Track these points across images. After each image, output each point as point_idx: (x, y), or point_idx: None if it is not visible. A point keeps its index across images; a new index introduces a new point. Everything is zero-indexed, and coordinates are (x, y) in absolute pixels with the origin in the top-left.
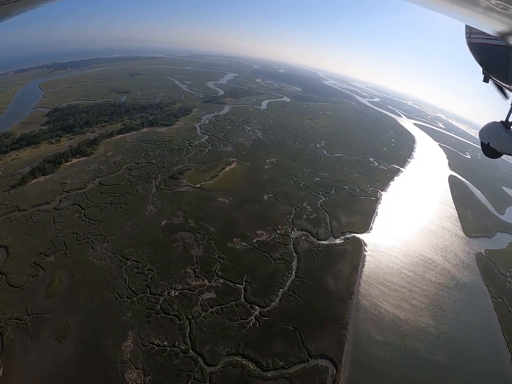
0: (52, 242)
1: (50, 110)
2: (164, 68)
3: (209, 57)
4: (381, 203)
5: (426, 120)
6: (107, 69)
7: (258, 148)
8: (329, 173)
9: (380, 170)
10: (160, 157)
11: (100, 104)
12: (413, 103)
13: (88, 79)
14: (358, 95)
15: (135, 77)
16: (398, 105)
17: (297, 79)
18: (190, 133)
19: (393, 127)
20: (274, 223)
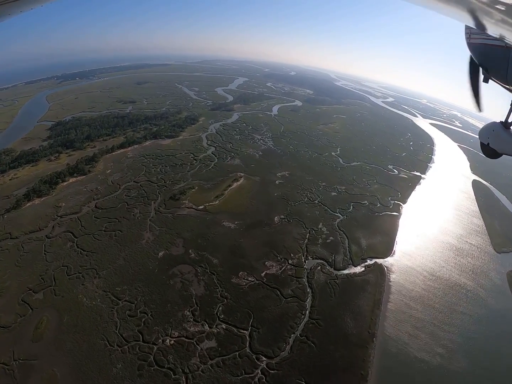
0: (42, 276)
1: (53, 123)
2: (173, 75)
3: (218, 62)
4: (404, 218)
5: (442, 119)
6: (115, 78)
7: (268, 160)
8: (346, 186)
9: (401, 179)
10: (162, 174)
11: (104, 116)
12: (427, 102)
13: (95, 89)
14: (371, 96)
15: (143, 85)
16: (412, 104)
17: (308, 81)
18: (196, 145)
19: (410, 128)
20: (285, 251)
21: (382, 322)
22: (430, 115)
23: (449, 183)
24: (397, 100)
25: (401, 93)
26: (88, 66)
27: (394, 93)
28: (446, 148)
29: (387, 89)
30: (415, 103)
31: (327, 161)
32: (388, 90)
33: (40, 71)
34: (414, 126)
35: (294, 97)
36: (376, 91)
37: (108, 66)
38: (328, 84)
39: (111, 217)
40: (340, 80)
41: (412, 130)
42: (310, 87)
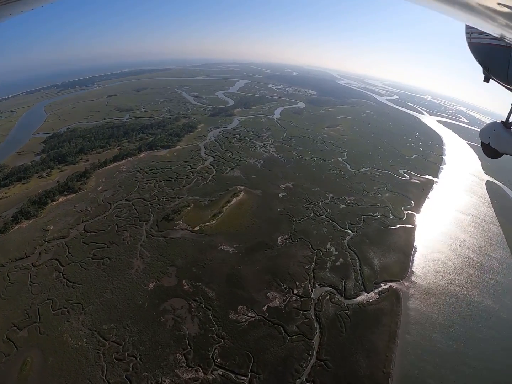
0: (27, 310)
1: (48, 136)
2: (173, 80)
3: (220, 65)
4: (419, 231)
5: (448, 115)
6: (114, 86)
7: (271, 170)
8: (355, 196)
9: (413, 184)
10: (155, 190)
11: (99, 126)
12: (432, 98)
13: (94, 97)
14: (375, 94)
15: (142, 92)
16: (417, 101)
17: (311, 81)
18: (193, 155)
19: (418, 127)
20: (290, 278)
21: (398, 359)
22: (436, 112)
23: (463, 186)
24: (401, 97)
25: (405, 90)
26: (88, 74)
27: (398, 90)
28: (456, 146)
29: (391, 86)
30: (419, 99)
31: (334, 168)
32: (391, 87)
33: (41, 80)
34: (422, 124)
35: (297, 98)
36: (380, 88)
37: (108, 73)
38: (331, 84)
39: (100, 241)
40: (343, 79)
41: (420, 129)
42: (313, 87)
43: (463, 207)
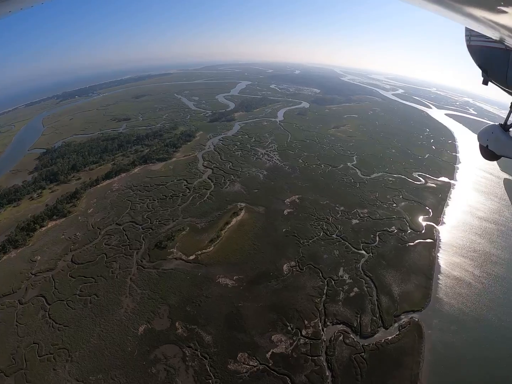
0: (13, 355)
1: (42, 152)
2: (173, 85)
3: (221, 67)
4: (440, 246)
5: (456, 107)
6: (114, 94)
7: (274, 182)
8: (368, 208)
9: (429, 190)
10: (148, 212)
11: (94, 140)
12: (437, 90)
13: (92, 107)
14: (380, 89)
15: (140, 99)
16: (423, 94)
17: (314, 79)
18: (190, 168)
19: (427, 122)
20: (298, 316)
21: None
22: (443, 105)
23: (481, 188)
24: (407, 91)
25: (410, 83)
26: (89, 83)
27: (403, 83)
28: (468, 142)
29: (395, 80)
30: (425, 92)
31: (343, 176)
32: (396, 81)
33: (42, 91)
34: (431, 119)
35: (300, 98)
36: (384, 83)
37: (109, 80)
38: (335, 81)
39: (88, 275)
40: (346, 75)
41: (430, 124)
42: (316, 85)
43: (485, 213)
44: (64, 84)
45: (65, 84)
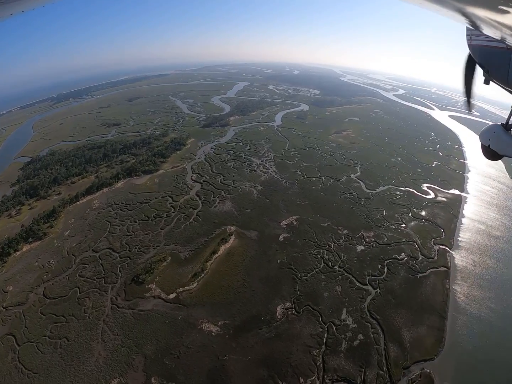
0: None
1: (26, 162)
2: (169, 86)
3: (219, 67)
4: (455, 275)
5: (458, 108)
6: (108, 96)
7: (270, 198)
8: (375, 231)
9: (440, 205)
10: (128, 236)
11: (79, 148)
12: (438, 90)
13: (84, 110)
14: (381, 90)
15: (134, 101)
16: (424, 94)
17: (313, 79)
18: (177, 182)
19: (431, 125)
20: (292, 372)
21: None
22: (445, 106)
23: (494, 200)
24: (408, 91)
25: (410, 83)
26: (85, 84)
27: (403, 83)
28: (474, 146)
29: (395, 80)
30: (426, 92)
31: (346, 190)
32: (396, 81)
33: (38, 93)
34: (434, 122)
35: (299, 100)
36: (384, 83)
37: (105, 82)
38: (335, 81)
39: (59, 313)
40: (346, 75)
41: (434, 127)
42: (315, 86)
43: (501, 231)
44: (61, 85)
45: (62, 85)
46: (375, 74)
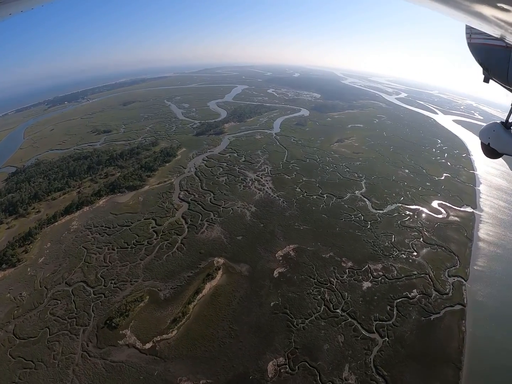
0: None
1: (11, 173)
2: (166, 89)
3: (219, 70)
4: (472, 314)
5: (461, 112)
6: (103, 99)
7: (264, 223)
8: (383, 262)
9: (453, 225)
10: (104, 268)
11: (65, 158)
12: (439, 92)
13: (78, 115)
14: (383, 93)
15: (128, 106)
16: (426, 98)
17: (314, 82)
18: (163, 201)
19: (437, 131)
20: None
21: None
22: (448, 109)
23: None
24: (410, 94)
25: (412, 86)
26: (83, 86)
27: (405, 86)
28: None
29: (396, 83)
30: (428, 96)
31: (351, 211)
32: (397, 84)
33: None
34: (440, 127)
35: (299, 104)
36: (386, 86)
37: (103, 84)
38: (336, 84)
39: (28, 357)
40: (347, 78)
41: (440, 133)
42: (316, 89)
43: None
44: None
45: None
46: (376, 77)
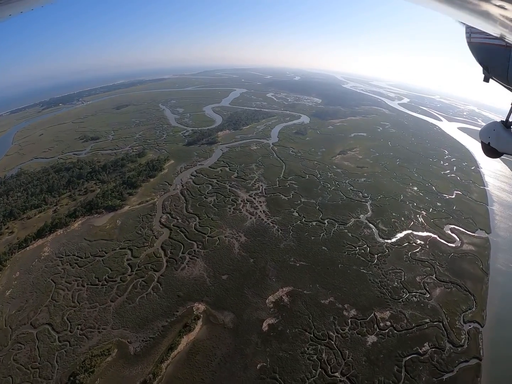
0: None
1: None
2: (162, 92)
3: (218, 72)
4: (488, 371)
5: (464, 119)
6: (97, 102)
7: (255, 257)
8: (391, 308)
9: (467, 256)
10: (71, 308)
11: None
12: (440, 97)
13: (69, 119)
14: (385, 98)
15: (121, 110)
16: (429, 103)
17: (314, 86)
18: (142, 226)
19: (443, 141)
20: None
21: None
22: (452, 116)
23: None
24: (412, 100)
25: (413, 90)
26: (81, 87)
27: (406, 91)
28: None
29: (397, 87)
30: (430, 101)
31: (355, 241)
32: (399, 89)
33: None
34: (445, 136)
35: (299, 110)
36: (387, 91)
37: (100, 86)
38: (337, 88)
39: None
40: (348, 82)
41: (446, 143)
42: (317, 94)
43: None
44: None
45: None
46: (378, 81)
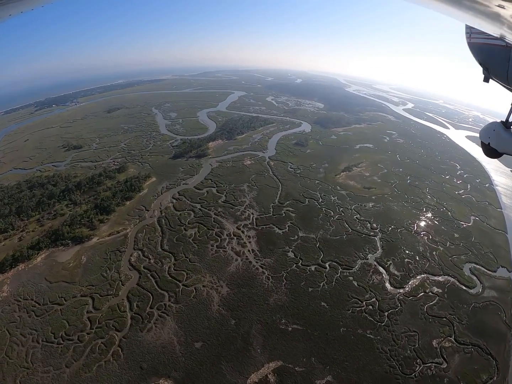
0: None
1: None
2: (158, 94)
3: (219, 73)
4: None
5: (471, 126)
6: (90, 103)
7: (238, 318)
8: None
9: (489, 305)
10: (24, 370)
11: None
12: (444, 102)
13: (58, 122)
14: (389, 103)
15: (112, 113)
16: (434, 109)
17: (316, 90)
18: (109, 266)
19: (453, 153)
20: None
21: None
22: (458, 123)
23: None
24: (416, 105)
25: (416, 95)
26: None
27: (410, 95)
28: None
29: (400, 91)
30: (435, 106)
31: (361, 293)
32: (402, 93)
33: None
34: (455, 147)
35: (300, 116)
36: (390, 95)
37: (97, 86)
38: (340, 92)
39: None
40: (351, 85)
41: (457, 155)
42: (319, 98)
43: None
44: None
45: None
46: (380, 85)
